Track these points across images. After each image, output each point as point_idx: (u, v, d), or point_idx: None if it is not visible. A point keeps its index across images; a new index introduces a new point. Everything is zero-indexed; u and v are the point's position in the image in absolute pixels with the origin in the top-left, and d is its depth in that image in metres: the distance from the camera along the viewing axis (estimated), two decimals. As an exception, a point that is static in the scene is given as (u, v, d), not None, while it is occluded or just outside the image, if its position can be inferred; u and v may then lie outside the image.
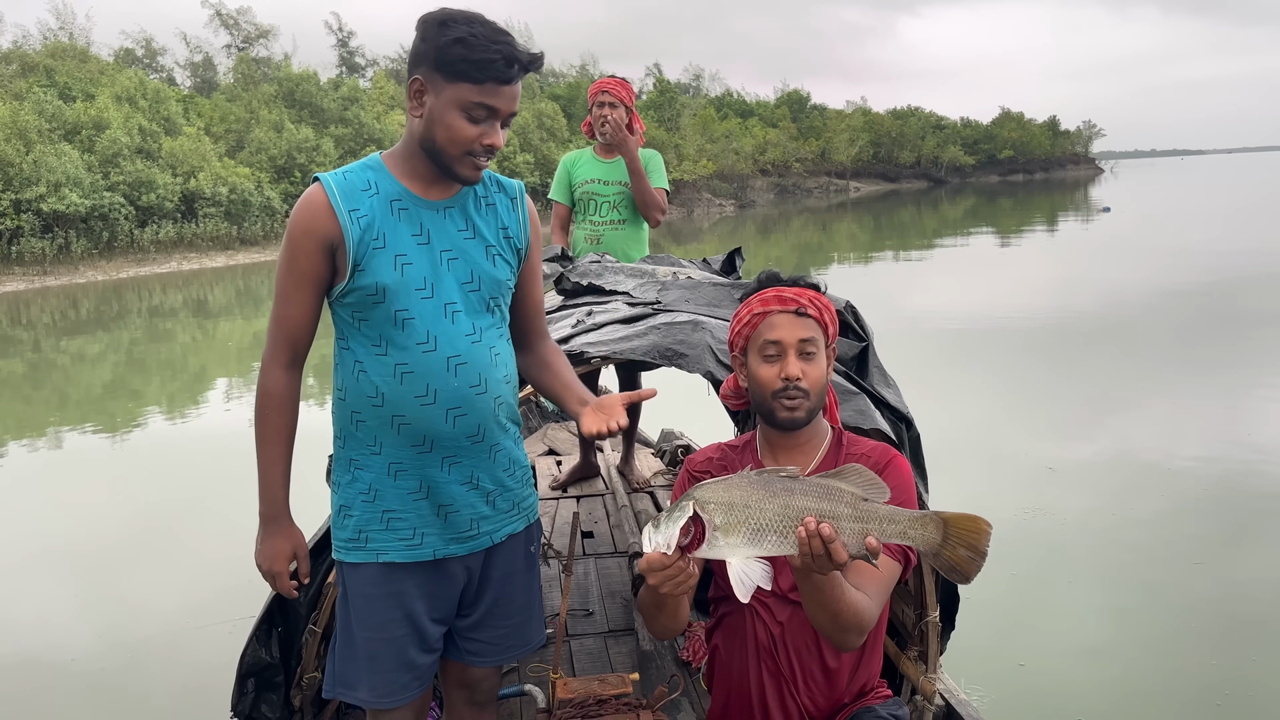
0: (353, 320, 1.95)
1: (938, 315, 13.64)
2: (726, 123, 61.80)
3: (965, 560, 1.65)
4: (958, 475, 6.45)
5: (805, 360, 2.00)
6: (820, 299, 2.06)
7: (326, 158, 35.06)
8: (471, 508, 2.03)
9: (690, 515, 1.63)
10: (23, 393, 12.36)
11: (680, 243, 31.93)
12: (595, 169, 4.48)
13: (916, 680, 2.66)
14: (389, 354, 1.93)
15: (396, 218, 1.92)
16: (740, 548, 1.63)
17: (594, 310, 3.00)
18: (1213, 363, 9.98)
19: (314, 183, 1.93)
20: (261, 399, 1.98)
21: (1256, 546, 5.50)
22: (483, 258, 1.99)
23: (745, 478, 1.66)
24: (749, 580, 1.63)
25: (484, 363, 1.98)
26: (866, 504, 1.63)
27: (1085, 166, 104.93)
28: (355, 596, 2.03)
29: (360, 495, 2.01)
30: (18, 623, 5.25)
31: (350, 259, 1.88)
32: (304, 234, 1.89)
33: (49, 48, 40.15)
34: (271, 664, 2.63)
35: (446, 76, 1.83)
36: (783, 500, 1.62)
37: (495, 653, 2.18)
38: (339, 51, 66.08)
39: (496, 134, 1.89)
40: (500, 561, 2.13)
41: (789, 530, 1.61)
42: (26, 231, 25.25)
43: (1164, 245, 23.12)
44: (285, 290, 1.93)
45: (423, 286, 1.92)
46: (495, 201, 2.05)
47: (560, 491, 4.86)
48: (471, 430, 1.98)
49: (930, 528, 1.63)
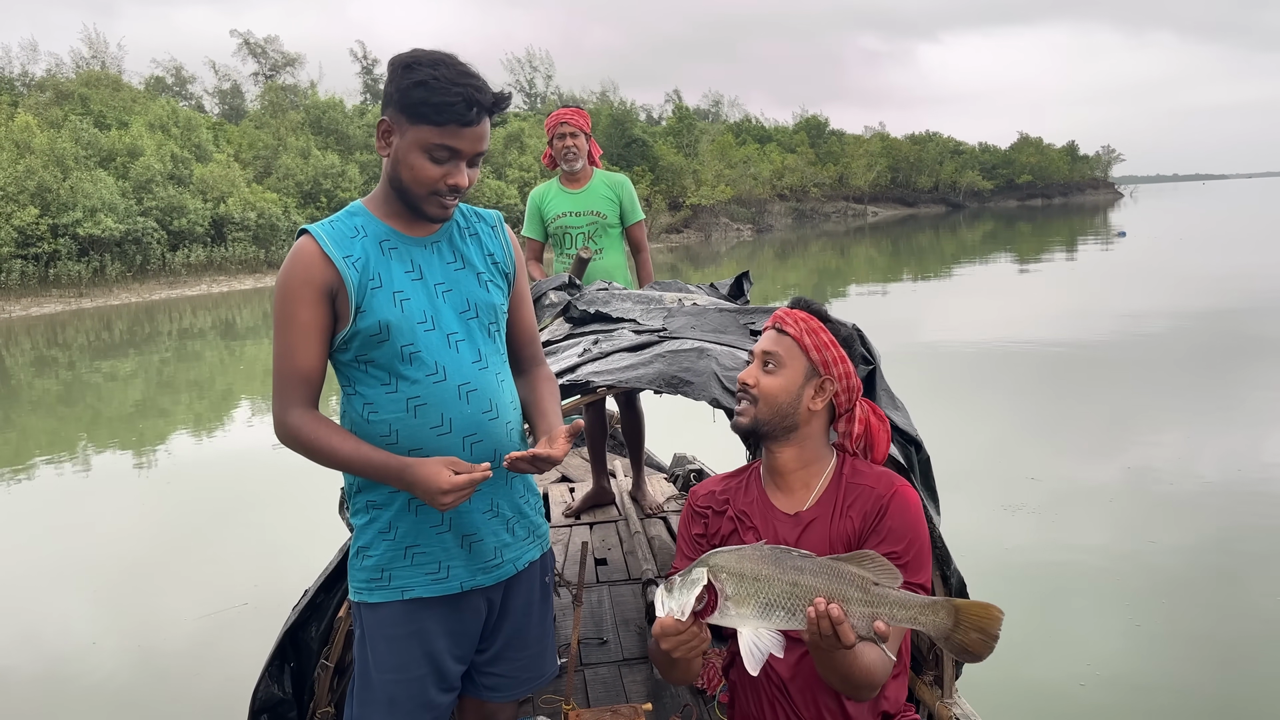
0: (358, 364, 1.95)
1: (954, 339, 13.78)
2: (745, 148, 62.26)
3: (978, 643, 1.64)
4: (973, 497, 6.56)
5: (765, 372, 2.02)
6: (810, 323, 2.04)
7: (352, 183, 35.77)
8: (495, 536, 2.04)
9: (705, 584, 1.63)
10: (57, 411, 12.77)
11: (698, 266, 32.21)
12: (565, 202, 4.49)
13: (933, 706, 2.63)
14: (399, 389, 1.93)
15: (388, 257, 1.94)
16: (751, 619, 1.64)
17: (600, 339, 3.02)
18: (1224, 387, 10.05)
19: (301, 235, 1.93)
20: (293, 439, 1.91)
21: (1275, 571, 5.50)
22: (475, 285, 2.02)
23: (759, 550, 1.67)
24: (759, 651, 1.63)
25: (493, 388, 2.01)
26: (877, 588, 1.62)
27: (1104, 191, 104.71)
28: (375, 639, 2.01)
29: (381, 535, 1.99)
30: (42, 636, 5.40)
31: (352, 302, 1.89)
32: (303, 284, 1.88)
33: (83, 76, 41.19)
34: (284, 700, 2.59)
35: (410, 118, 1.85)
36: (793, 578, 1.62)
37: (512, 686, 2.17)
38: (364, 79, 67.26)
39: (461, 174, 1.90)
40: (519, 591, 2.14)
41: (798, 608, 1.62)
42: (64, 255, 26.09)
43: (1179, 270, 23.20)
44: (290, 346, 1.90)
45: (424, 320, 1.94)
46: (478, 231, 2.07)
47: (574, 519, 4.84)
48: (488, 456, 1.98)
49: (942, 614, 1.63)
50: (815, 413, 2.03)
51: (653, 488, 5.11)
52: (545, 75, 73.44)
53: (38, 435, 11.28)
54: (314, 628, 2.59)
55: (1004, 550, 5.87)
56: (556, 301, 3.53)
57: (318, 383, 1.94)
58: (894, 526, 1.91)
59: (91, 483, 8.92)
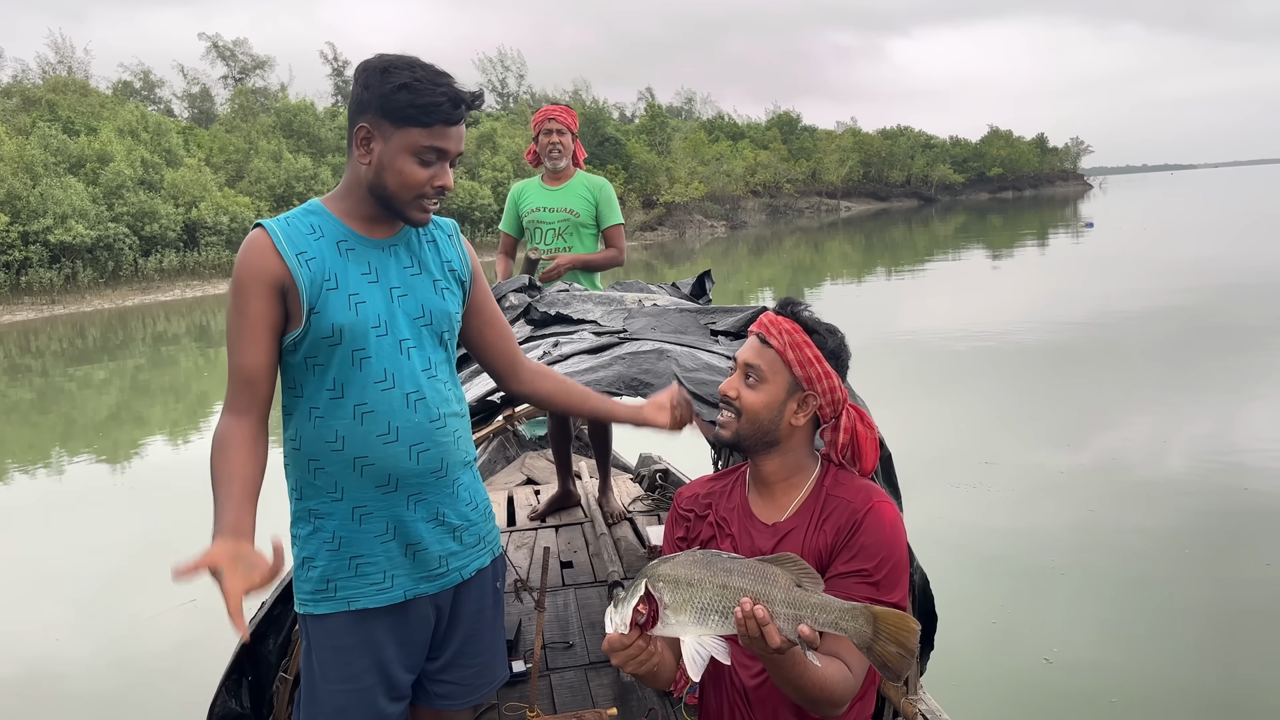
0: (306, 366, 1.92)
1: (925, 331, 14.03)
2: (717, 145, 62.48)
3: (895, 658, 1.62)
4: (942, 490, 6.68)
5: (747, 385, 1.96)
6: (796, 335, 1.95)
7: (325, 186, 35.67)
8: (440, 544, 2.02)
9: (642, 594, 1.62)
10: (30, 419, 12.77)
11: (673, 263, 32.34)
12: (541, 197, 4.49)
13: (898, 702, 2.62)
14: (346, 396, 1.90)
15: (345, 258, 1.91)
16: (690, 626, 1.63)
17: (560, 341, 3.00)
18: (1185, 375, 10.32)
19: (255, 228, 1.91)
20: (215, 442, 1.86)
21: (1245, 555, 5.64)
22: (431, 292, 2.00)
23: (692, 555, 1.67)
24: (700, 659, 1.62)
25: (440, 397, 1.99)
26: (799, 591, 1.61)
27: (1074, 182, 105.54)
28: (322, 649, 1.99)
29: (325, 545, 1.96)
30: (20, 642, 5.46)
31: (305, 302, 1.86)
32: (251, 278, 1.85)
33: (50, 82, 40.83)
34: (242, 714, 2.54)
35: (394, 123, 1.84)
36: (721, 580, 1.62)
37: (465, 694, 2.16)
38: (334, 81, 66.91)
39: (446, 175, 1.91)
40: (470, 598, 2.11)
41: (729, 610, 1.61)
42: (35, 262, 25.93)
43: (1145, 259, 23.63)
44: (237, 339, 1.87)
45: (378, 324, 1.91)
46: (435, 238, 2.06)
47: (539, 521, 4.80)
48: (435, 465, 1.97)
49: (860, 620, 1.61)
50: (798, 427, 1.97)
51: (618, 488, 5.04)
52: (517, 75, 73.31)
53: (11, 444, 11.27)
54: (272, 640, 2.53)
55: (971, 538, 6.01)
56: (517, 304, 3.50)
57: (261, 387, 1.88)
58: (866, 544, 1.86)
59: (66, 490, 8.93)
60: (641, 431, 2.32)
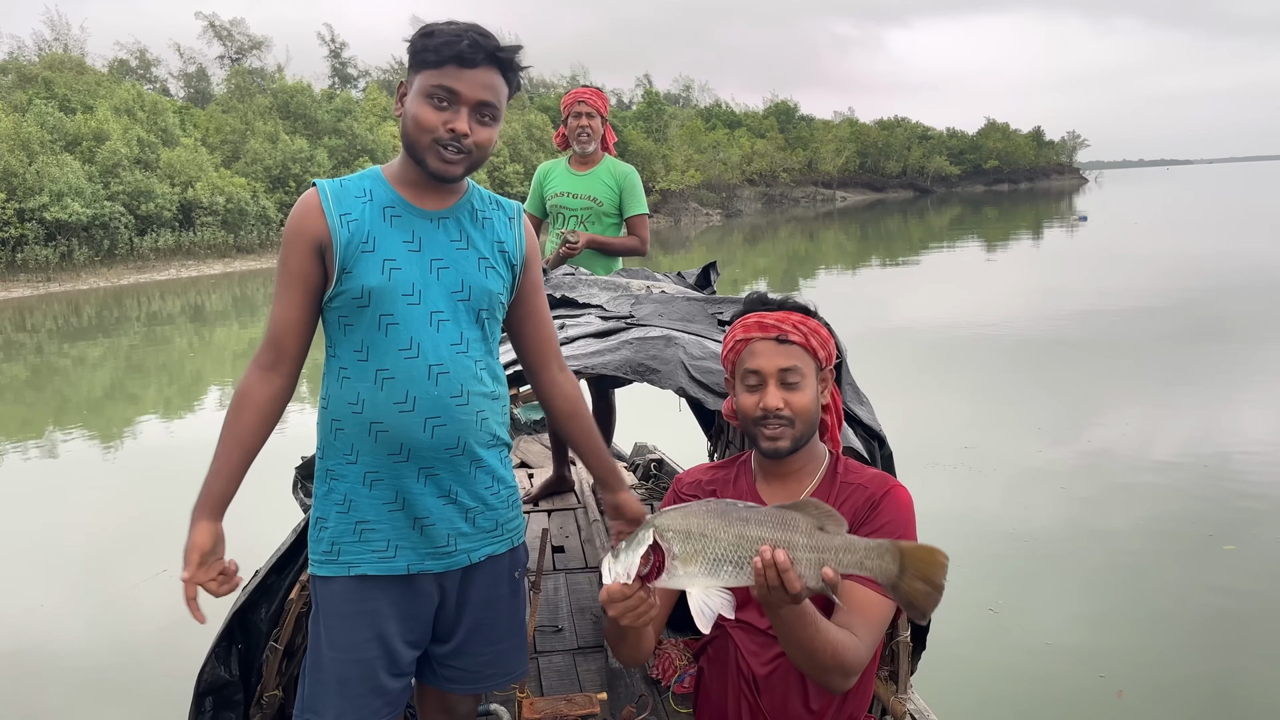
0: (339, 326, 1.93)
1: (920, 323, 14.06)
2: (714, 133, 62.43)
3: (922, 595, 1.59)
4: (940, 483, 6.73)
5: (788, 389, 1.94)
6: (808, 323, 1.98)
7: (320, 168, 35.58)
8: (448, 523, 1.97)
9: (650, 544, 1.59)
10: (25, 396, 12.78)
11: (668, 252, 32.31)
12: (566, 181, 4.42)
13: (887, 700, 2.62)
14: (370, 359, 1.90)
15: (389, 224, 1.91)
16: (699, 578, 1.60)
17: (566, 324, 2.96)
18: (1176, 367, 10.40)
19: (310, 187, 1.95)
20: (234, 395, 1.93)
21: (1235, 548, 5.65)
22: (474, 268, 1.96)
23: (705, 505, 1.64)
24: (709, 610, 1.60)
25: (467, 374, 1.94)
26: (822, 533, 1.59)
27: (1070, 176, 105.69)
28: (328, 614, 1.98)
29: (335, 506, 1.96)
30: (9, 615, 5.49)
31: (338, 261, 1.87)
32: (295, 235, 1.90)
33: (46, 59, 40.61)
34: (231, 682, 2.52)
35: (414, 68, 1.88)
36: (738, 529, 1.58)
37: (474, 680, 2.12)
38: (332, 63, 66.70)
39: (461, 120, 1.85)
40: (481, 584, 2.06)
41: (745, 561, 1.58)
42: (30, 240, 25.87)
43: (1136, 253, 23.73)
44: (278, 290, 1.93)
45: (410, 293, 1.90)
46: (492, 217, 2.02)
47: (532, 505, 4.76)
48: (450, 442, 1.93)
49: (887, 558, 1.59)
50: (823, 405, 2.01)
51: None
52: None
53: (5, 420, 11.28)
54: (264, 609, 2.52)
55: (966, 529, 6.05)
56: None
57: (289, 343, 1.92)
58: (885, 522, 1.87)
59: (60, 468, 8.96)
60: (637, 421, 2.26)
